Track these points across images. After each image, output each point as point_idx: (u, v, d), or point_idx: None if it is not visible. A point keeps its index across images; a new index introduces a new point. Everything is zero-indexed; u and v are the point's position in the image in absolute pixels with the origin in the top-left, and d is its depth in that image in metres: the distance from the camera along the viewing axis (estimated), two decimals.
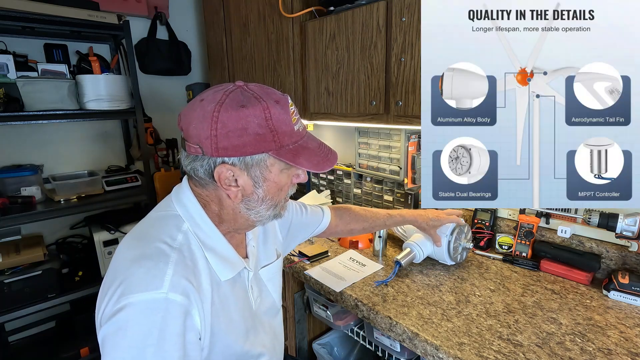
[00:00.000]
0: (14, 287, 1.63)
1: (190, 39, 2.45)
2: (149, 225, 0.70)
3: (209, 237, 0.70)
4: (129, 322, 0.56)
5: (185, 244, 0.66)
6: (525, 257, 1.21)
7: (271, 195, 0.70)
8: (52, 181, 1.79)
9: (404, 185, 1.48)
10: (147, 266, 0.60)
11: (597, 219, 1.04)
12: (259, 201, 0.69)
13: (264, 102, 0.63)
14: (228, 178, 0.66)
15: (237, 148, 0.63)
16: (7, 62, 1.60)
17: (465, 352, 0.80)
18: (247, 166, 0.65)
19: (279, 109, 0.65)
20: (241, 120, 0.62)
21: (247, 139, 0.63)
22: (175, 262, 0.61)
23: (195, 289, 0.62)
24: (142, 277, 0.58)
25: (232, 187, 0.67)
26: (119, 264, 0.63)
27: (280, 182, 0.70)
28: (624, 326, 0.89)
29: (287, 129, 0.66)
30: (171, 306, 0.58)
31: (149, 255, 0.62)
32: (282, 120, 0.65)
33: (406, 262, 1.14)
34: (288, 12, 1.52)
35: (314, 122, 1.75)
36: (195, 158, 0.66)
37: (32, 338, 2.00)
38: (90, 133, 2.11)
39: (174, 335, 0.58)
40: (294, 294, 1.36)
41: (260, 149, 0.64)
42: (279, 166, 0.68)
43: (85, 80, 1.75)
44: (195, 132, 0.63)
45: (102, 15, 1.75)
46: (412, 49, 1.11)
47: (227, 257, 0.71)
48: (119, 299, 0.57)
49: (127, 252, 0.64)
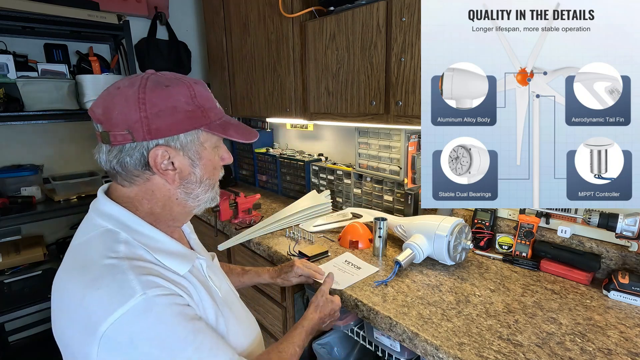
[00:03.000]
0: (14, 287, 1.64)
1: (190, 39, 2.45)
2: (81, 253, 0.64)
3: (151, 239, 0.67)
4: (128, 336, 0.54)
5: (130, 252, 0.62)
6: (525, 257, 1.21)
7: (208, 174, 0.71)
8: (52, 181, 1.80)
9: (404, 185, 1.48)
10: (105, 284, 0.56)
11: (597, 219, 1.04)
12: (197, 183, 0.69)
13: (186, 81, 0.65)
14: (164, 161, 0.64)
15: (171, 127, 0.63)
16: (7, 62, 1.61)
17: (465, 352, 0.80)
18: (182, 146, 0.65)
19: (201, 87, 0.67)
20: (170, 99, 0.62)
21: (179, 116, 0.63)
22: (131, 268, 0.58)
23: (167, 281, 0.61)
24: (108, 295, 0.55)
25: (169, 170, 0.65)
26: (70, 298, 0.58)
27: (214, 160, 0.71)
28: (624, 326, 0.89)
29: (211, 106, 0.68)
30: (157, 299, 0.57)
31: (99, 276, 0.57)
32: (206, 97, 0.67)
33: (406, 262, 1.14)
34: (288, 12, 1.52)
35: (314, 122, 1.75)
36: (122, 149, 0.62)
37: (32, 338, 2.00)
38: (90, 133, 2.11)
39: (178, 316, 0.59)
40: (294, 294, 1.36)
41: (193, 125, 0.65)
42: (210, 143, 0.69)
43: (85, 80, 1.75)
44: (122, 117, 0.60)
45: (102, 15, 1.75)
46: (412, 49, 1.11)
47: (176, 252, 0.69)
48: (97, 326, 0.53)
49: (72, 285, 0.59)
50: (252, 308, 1.48)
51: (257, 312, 1.54)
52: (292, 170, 2.00)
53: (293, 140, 2.31)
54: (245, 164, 2.38)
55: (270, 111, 1.78)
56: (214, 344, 0.62)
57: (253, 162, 2.29)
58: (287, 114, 1.68)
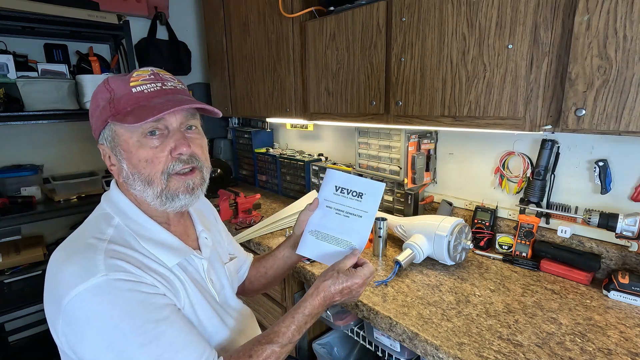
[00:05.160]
0: (14, 287, 1.63)
1: (190, 39, 2.45)
2: (79, 231, 0.69)
3: (143, 228, 0.69)
4: (84, 313, 0.55)
5: (117, 236, 0.65)
6: (525, 257, 1.21)
7: (136, 168, 0.66)
8: (52, 181, 1.79)
9: (404, 185, 1.48)
10: (76, 261, 0.59)
11: (597, 219, 1.04)
12: (130, 177, 0.68)
13: (107, 78, 0.69)
14: (106, 157, 0.71)
15: (95, 126, 0.70)
16: (7, 62, 1.60)
17: (465, 352, 0.80)
18: (107, 142, 0.69)
19: (118, 79, 0.68)
20: (94, 98, 0.69)
21: (96, 113, 0.69)
22: (105, 250, 0.61)
23: (139, 268, 0.61)
24: (75, 271, 0.58)
25: (112, 167, 0.71)
26: (51, 267, 0.62)
27: (141, 154, 0.66)
28: (624, 326, 0.89)
29: (122, 94, 0.66)
30: (118, 283, 0.58)
31: (76, 251, 0.61)
32: (118, 86, 0.67)
33: (406, 262, 1.14)
34: (288, 12, 1.52)
35: (314, 122, 1.75)
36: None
37: (32, 338, 2.00)
38: (90, 133, 2.09)
39: (138, 303, 0.58)
40: (294, 294, 1.36)
41: (102, 119, 0.68)
42: (130, 134, 0.66)
43: (85, 80, 1.75)
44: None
45: (102, 15, 1.75)
46: (412, 49, 1.11)
47: (166, 243, 0.70)
48: (61, 299, 0.56)
49: (56, 255, 0.63)
50: (252, 308, 1.48)
51: (257, 312, 1.54)
52: (292, 170, 2.00)
53: (293, 140, 2.31)
54: (245, 164, 2.38)
55: (270, 111, 1.78)
56: (180, 339, 0.61)
57: (253, 162, 2.29)
58: (287, 114, 1.68)
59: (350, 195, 0.84)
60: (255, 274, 1.03)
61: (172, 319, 0.61)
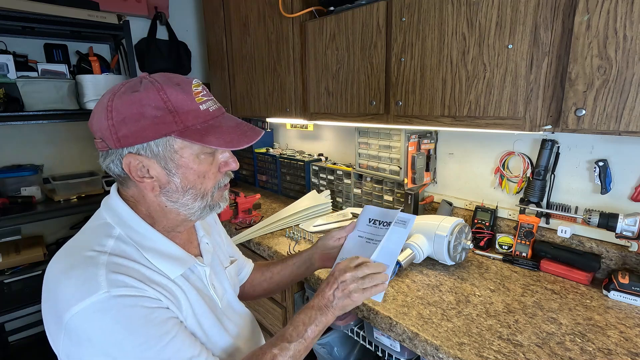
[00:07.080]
0: (14, 287, 1.64)
1: (190, 39, 2.45)
2: (78, 240, 0.66)
3: (146, 238, 0.66)
4: (86, 331, 0.54)
5: (117, 249, 0.63)
6: (525, 257, 1.21)
7: (192, 183, 0.66)
8: (52, 181, 1.80)
9: (404, 185, 1.48)
10: (76, 275, 0.57)
11: (597, 219, 1.04)
12: (179, 191, 0.65)
13: (158, 84, 0.61)
14: (138, 169, 0.63)
15: (137, 134, 0.60)
16: (7, 62, 1.61)
17: (465, 352, 0.80)
18: (154, 154, 0.62)
19: (177, 90, 0.62)
20: (134, 105, 0.59)
21: (144, 123, 0.60)
22: (105, 264, 0.59)
23: (141, 282, 0.60)
24: (76, 286, 0.56)
25: (145, 178, 0.64)
26: (49, 279, 0.60)
27: (199, 169, 0.65)
28: (624, 326, 0.89)
29: (189, 109, 0.62)
30: (120, 299, 0.56)
31: (76, 265, 0.59)
32: (182, 100, 0.62)
33: (406, 262, 1.14)
34: (288, 12, 1.52)
35: (314, 122, 1.75)
36: (106, 155, 0.64)
37: (32, 338, 2.01)
38: (90, 133, 2.10)
39: (140, 319, 0.57)
40: (294, 294, 1.36)
41: (160, 131, 0.60)
42: (191, 150, 0.64)
43: (85, 80, 1.75)
44: (97, 124, 0.62)
45: (102, 15, 1.75)
46: (412, 49, 1.11)
47: (170, 254, 0.68)
48: (62, 315, 0.55)
49: (54, 266, 0.61)
50: (252, 308, 1.48)
51: (257, 312, 1.54)
52: (292, 170, 2.00)
53: (293, 140, 2.31)
54: (245, 164, 2.38)
55: (270, 111, 1.78)
56: (182, 353, 0.61)
57: (253, 162, 2.29)
58: (287, 114, 1.68)
59: (381, 225, 0.88)
60: (259, 277, 1.02)
61: (174, 333, 0.61)
